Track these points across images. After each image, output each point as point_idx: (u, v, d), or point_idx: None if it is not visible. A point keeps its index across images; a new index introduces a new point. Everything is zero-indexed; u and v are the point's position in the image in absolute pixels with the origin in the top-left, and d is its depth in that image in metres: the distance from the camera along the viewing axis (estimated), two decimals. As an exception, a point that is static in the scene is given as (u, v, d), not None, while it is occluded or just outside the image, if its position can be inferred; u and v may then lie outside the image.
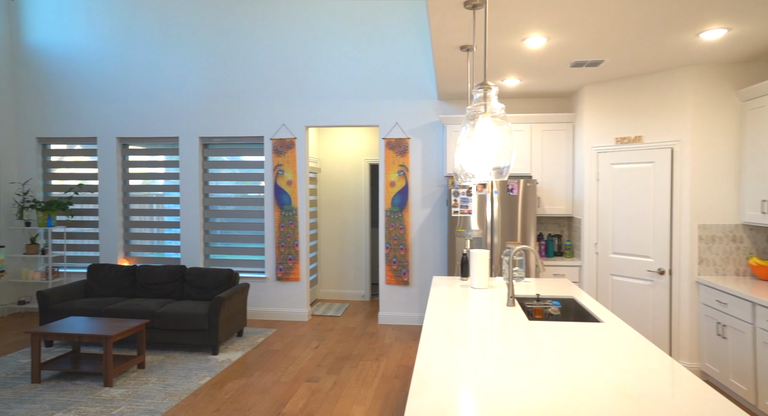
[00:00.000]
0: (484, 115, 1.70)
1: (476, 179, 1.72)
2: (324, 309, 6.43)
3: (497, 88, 1.73)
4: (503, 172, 1.73)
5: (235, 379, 3.98)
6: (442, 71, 4.21)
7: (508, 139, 1.69)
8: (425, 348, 2.08)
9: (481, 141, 1.71)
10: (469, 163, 1.73)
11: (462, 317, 2.62)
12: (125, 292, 5.20)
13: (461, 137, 1.72)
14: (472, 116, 1.72)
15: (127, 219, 6.23)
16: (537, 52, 3.67)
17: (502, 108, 1.71)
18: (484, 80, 1.69)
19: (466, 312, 2.73)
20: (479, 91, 1.68)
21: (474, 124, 1.72)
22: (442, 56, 3.74)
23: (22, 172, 6.32)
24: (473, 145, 1.73)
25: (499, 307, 2.84)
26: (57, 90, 6.23)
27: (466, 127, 1.72)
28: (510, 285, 2.85)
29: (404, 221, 5.67)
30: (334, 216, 7.06)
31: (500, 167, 1.72)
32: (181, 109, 6.00)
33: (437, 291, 3.31)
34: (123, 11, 6.05)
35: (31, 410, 3.44)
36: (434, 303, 2.95)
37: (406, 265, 5.68)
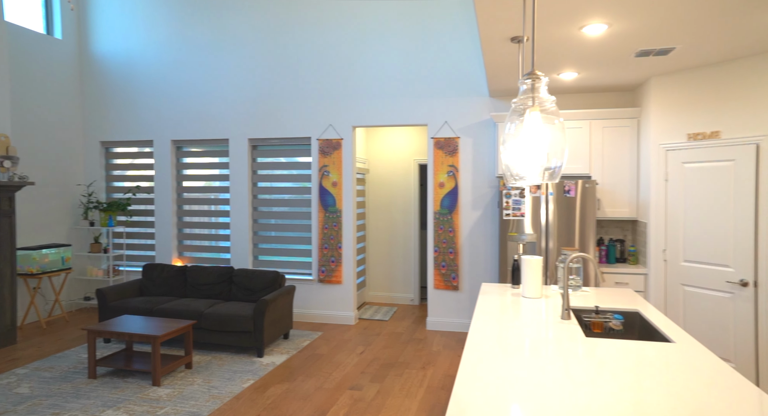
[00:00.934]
0: (532, 109, 1.50)
1: (525, 181, 1.52)
2: (372, 312, 6.32)
3: (547, 79, 1.52)
4: (554, 172, 1.52)
5: (278, 384, 3.93)
6: (492, 66, 3.97)
7: (559, 136, 1.48)
8: (467, 367, 1.89)
9: (529, 138, 1.51)
10: (516, 163, 1.53)
11: (510, 330, 2.40)
12: (176, 292, 5.32)
13: (506, 134, 1.52)
14: (518, 111, 1.52)
15: (181, 220, 6.40)
16: (597, 41, 3.36)
17: (553, 101, 1.50)
18: (532, 69, 1.48)
19: (515, 324, 2.51)
20: (526, 82, 1.48)
21: (521, 120, 1.52)
22: (492, 49, 3.51)
23: (88, 174, 6.65)
24: (521, 144, 1.53)
25: (552, 320, 2.59)
26: (118, 95, 6.50)
27: (512, 123, 1.52)
28: (565, 296, 2.60)
29: (453, 224, 5.45)
30: (382, 218, 6.94)
31: (551, 167, 1.51)
32: (231, 111, 6.09)
33: (485, 300, 3.09)
34: (178, 18, 6.22)
35: (85, 406, 3.54)
36: (481, 314, 2.74)
37: (456, 270, 5.46)
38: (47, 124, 6.14)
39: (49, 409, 3.50)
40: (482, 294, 3.28)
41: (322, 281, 5.82)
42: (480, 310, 2.84)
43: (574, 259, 2.57)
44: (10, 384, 3.98)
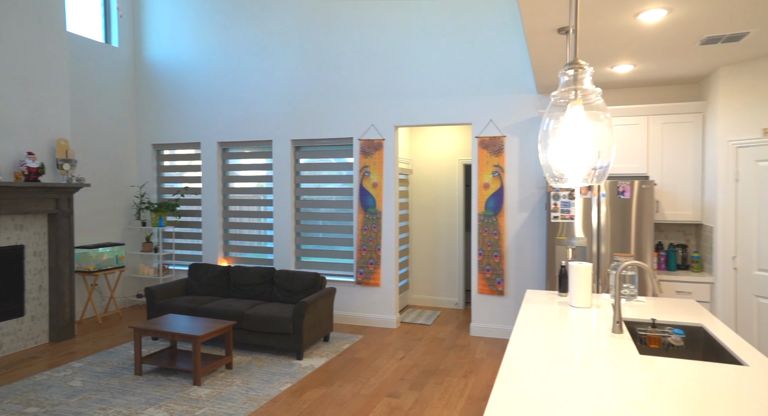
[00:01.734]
0: (574, 102, 1.33)
1: (567, 182, 1.36)
2: (414, 316, 6.18)
3: (592, 69, 1.35)
4: (600, 173, 1.34)
5: (315, 388, 3.88)
6: (538, 60, 3.75)
7: (606, 133, 1.30)
8: (503, 384, 1.74)
9: (571, 136, 1.34)
10: (557, 163, 1.37)
11: (554, 343, 2.21)
12: (220, 292, 5.40)
13: (545, 131, 1.36)
14: (559, 105, 1.36)
15: (227, 221, 6.52)
16: (655, 29, 3.09)
17: (599, 93, 1.33)
18: (575, 58, 1.31)
19: (559, 336, 2.31)
20: (568, 72, 1.32)
21: (562, 115, 1.36)
22: (537, 42, 3.30)
23: (141, 176, 6.90)
24: (562, 142, 1.37)
25: (602, 332, 2.37)
26: (168, 99, 6.70)
27: (552, 118, 1.36)
28: (616, 307, 2.37)
29: (499, 226, 5.23)
30: (426, 220, 6.79)
31: (596, 167, 1.34)
32: (274, 113, 6.13)
33: (529, 309, 2.89)
34: (224, 22, 6.34)
35: (129, 402, 3.62)
36: (523, 324, 2.56)
37: (501, 274, 5.24)
38: (104, 128, 6.42)
39: (96, 404, 3.60)
40: (526, 302, 3.08)
41: (360, 283, 5.75)
42: (522, 320, 2.65)
43: (627, 266, 2.35)
44: (66, 377, 4.14)
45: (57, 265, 5.15)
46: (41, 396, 3.76)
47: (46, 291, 5.15)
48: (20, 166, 4.84)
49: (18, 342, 4.91)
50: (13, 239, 4.85)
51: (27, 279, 4.98)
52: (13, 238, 4.85)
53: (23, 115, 4.92)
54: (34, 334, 5.05)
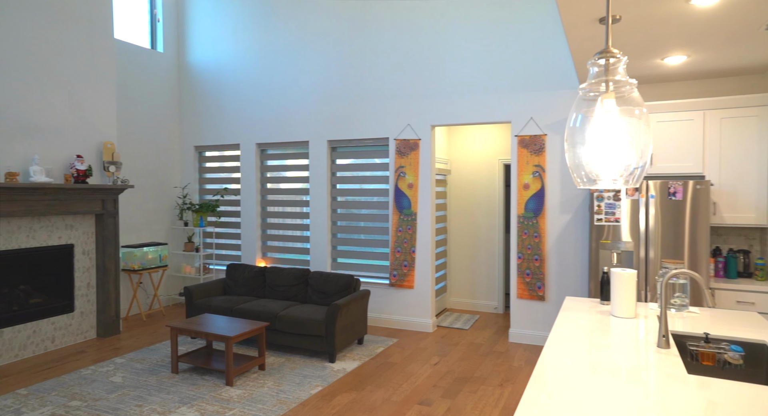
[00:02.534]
0: (605, 95, 1.19)
1: (597, 184, 1.21)
2: (452, 320, 6.03)
3: (626, 58, 1.19)
4: (635, 174, 1.19)
5: (346, 392, 3.82)
6: (579, 53, 3.53)
7: (642, 129, 1.15)
8: (531, 400, 1.60)
9: (601, 133, 1.20)
10: (588, 162, 1.23)
11: (590, 355, 2.03)
12: (256, 292, 5.45)
13: (571, 127, 1.22)
14: (588, 99, 1.22)
15: (265, 221, 6.58)
16: (711, 14, 2.83)
17: (633, 85, 1.18)
18: (607, 46, 1.17)
19: (597, 348, 2.13)
20: (598, 62, 1.17)
21: (591, 110, 1.21)
22: (577, 34, 3.10)
23: (184, 177, 7.09)
24: (591, 139, 1.22)
25: (645, 346, 2.18)
26: (210, 102, 6.85)
27: (579, 113, 1.22)
28: (662, 319, 2.17)
29: (539, 228, 5.00)
30: (465, 221, 6.62)
31: (632, 168, 1.19)
32: (311, 113, 6.14)
33: (566, 318, 2.71)
34: (262, 25, 6.41)
35: (164, 400, 3.68)
36: (558, 334, 2.39)
37: (542, 278, 5.01)
38: (149, 131, 6.63)
39: (133, 401, 3.69)
40: (563, 311, 2.89)
41: (394, 285, 5.65)
42: (558, 329, 2.48)
43: (678, 274, 2.14)
44: (108, 373, 4.28)
45: (103, 264, 5.35)
46: (84, 391, 3.89)
47: (93, 289, 5.36)
48: (70, 169, 5.06)
49: (68, 337, 5.13)
50: (64, 238, 5.08)
51: (76, 276, 5.19)
52: (63, 237, 5.07)
53: (73, 120, 5.14)
54: (83, 329, 5.26)
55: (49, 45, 4.92)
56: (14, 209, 4.53)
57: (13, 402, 3.73)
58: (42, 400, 3.73)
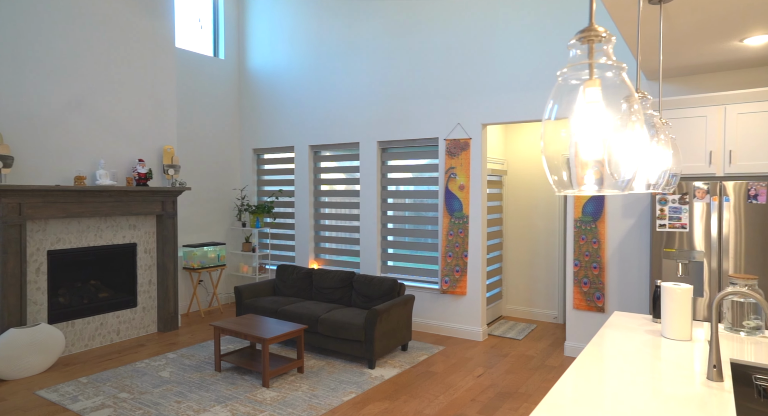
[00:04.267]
0: (588, 83, 0.98)
1: (572, 190, 1.01)
2: (505, 329, 5.72)
3: (615, 38, 0.97)
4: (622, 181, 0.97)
5: (378, 401, 3.70)
6: (631, 39, 3.16)
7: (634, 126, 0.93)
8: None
9: (583, 129, 0.99)
10: (559, 162, 1.03)
11: (617, 386, 1.76)
12: (303, 294, 5.48)
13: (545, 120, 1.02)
14: (568, 87, 1.01)
15: (318, 223, 6.63)
16: (789, -13, 2.39)
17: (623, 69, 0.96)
18: (590, 23, 0.96)
19: (630, 377, 1.85)
20: (578, 43, 0.96)
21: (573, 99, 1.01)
22: (624, 17, 2.76)
23: (243, 179, 7.34)
24: (571, 136, 1.02)
25: (693, 378, 1.86)
26: (267, 105, 7.03)
27: (557, 104, 1.02)
28: (712, 345, 1.84)
29: (598, 233, 4.59)
30: (522, 224, 6.26)
31: (615, 173, 0.97)
32: (361, 114, 6.09)
33: (605, 336, 2.41)
34: (315, 29, 6.46)
35: (202, 398, 3.77)
36: (590, 354, 2.11)
37: (601, 288, 4.59)
38: (211, 135, 6.93)
39: (174, 396, 3.81)
40: (606, 327, 2.58)
41: (446, 292, 5.44)
42: (591, 349, 2.20)
43: (733, 294, 1.80)
44: (158, 367, 4.48)
45: (163, 262, 5.64)
46: (134, 383, 4.09)
47: (154, 286, 5.66)
48: (132, 172, 5.38)
49: (131, 330, 5.45)
50: (127, 237, 5.41)
51: (139, 273, 5.51)
52: (127, 237, 5.40)
53: (136, 125, 5.46)
54: (145, 324, 5.58)
55: (115, 58, 5.26)
56: (82, 210, 4.88)
57: (73, 389, 3.99)
58: (97, 390, 3.97)
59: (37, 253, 4.70)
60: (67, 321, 4.91)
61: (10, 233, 4.41)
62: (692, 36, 3.10)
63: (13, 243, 4.43)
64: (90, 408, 3.63)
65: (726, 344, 2.31)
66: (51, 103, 4.76)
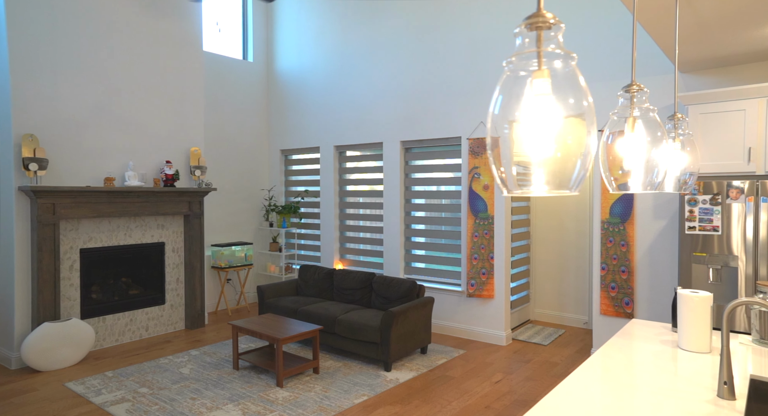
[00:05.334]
0: (536, 74, 0.89)
1: (532, 188, 0.92)
2: (531, 333, 5.53)
3: (563, 25, 0.88)
4: (572, 177, 0.88)
5: (389, 405, 3.64)
6: (654, 29, 2.96)
7: (586, 122, 0.84)
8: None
9: (529, 125, 0.90)
10: (516, 158, 0.94)
11: (616, 404, 1.63)
12: (324, 294, 5.48)
13: (490, 112, 0.94)
14: (518, 77, 0.92)
15: (343, 223, 6.63)
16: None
17: (573, 59, 0.87)
18: (538, 9, 0.87)
19: (631, 392, 1.71)
20: (525, 30, 0.87)
21: (521, 91, 0.92)
22: (644, 5, 2.58)
23: (272, 180, 7.44)
24: (518, 129, 0.93)
25: (703, 395, 1.70)
26: (294, 106, 7.10)
27: (501, 95, 0.93)
28: (723, 360, 1.68)
29: (627, 236, 4.36)
30: (551, 226, 6.04)
31: (573, 173, 0.88)
32: (385, 114, 6.04)
33: (616, 345, 2.26)
34: (340, 30, 6.47)
35: (216, 396, 3.82)
36: (592, 366, 1.98)
37: (630, 294, 4.35)
38: (240, 137, 7.06)
39: (190, 393, 3.88)
40: (618, 336, 2.42)
41: (472, 295, 5.30)
42: (595, 359, 2.06)
43: (747, 304, 1.62)
44: (180, 363, 4.58)
45: (190, 261, 5.78)
46: (155, 379, 4.20)
47: (182, 284, 5.81)
48: (160, 173, 5.54)
49: (160, 327, 5.62)
50: (156, 237, 5.57)
51: (167, 272, 5.67)
52: (156, 236, 5.57)
53: (164, 128, 5.62)
54: (173, 321, 5.73)
55: (144, 63, 5.43)
56: (112, 210, 5.06)
57: (99, 382, 4.14)
58: (120, 384, 4.09)
59: (71, 251, 4.91)
60: (98, 317, 5.11)
61: (45, 232, 4.62)
62: (728, 22, 2.87)
63: (48, 241, 4.64)
64: (110, 401, 3.75)
65: (751, 358, 2.12)
66: (83, 108, 4.97)
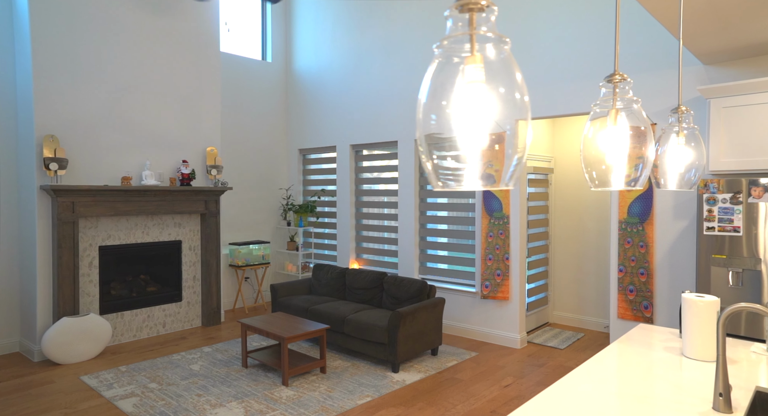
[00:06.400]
0: (469, 60, 0.82)
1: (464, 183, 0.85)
2: (548, 337, 5.36)
3: (496, 8, 0.81)
4: (506, 170, 0.80)
5: (392, 407, 3.58)
6: (664, 17, 2.80)
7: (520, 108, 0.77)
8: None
9: (464, 110, 0.84)
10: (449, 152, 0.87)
11: (599, 410, 1.53)
12: (337, 293, 5.46)
13: (419, 100, 0.87)
14: (444, 65, 0.86)
15: (359, 222, 6.60)
16: None
17: (507, 44, 0.80)
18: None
19: (620, 402, 1.60)
20: (457, 13, 0.80)
21: (451, 78, 0.85)
22: (651, -9, 2.44)
23: (289, 179, 7.48)
24: (450, 120, 0.86)
25: (698, 408, 1.58)
26: (311, 106, 7.12)
27: (429, 82, 0.86)
28: (718, 370, 1.55)
29: (646, 237, 4.16)
30: (570, 226, 5.85)
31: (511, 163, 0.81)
32: (399, 112, 5.98)
33: (615, 351, 2.14)
34: (357, 29, 6.45)
35: (222, 393, 3.85)
36: (584, 373, 1.87)
37: (649, 297, 4.16)
38: (259, 136, 7.13)
39: (197, 390, 3.92)
40: (620, 341, 2.29)
41: (486, 297, 5.18)
42: (588, 366, 1.95)
43: (740, 310, 1.49)
44: (191, 360, 4.64)
45: (207, 259, 5.86)
46: (165, 375, 4.26)
47: (199, 281, 5.90)
48: (176, 172, 5.63)
49: (177, 323, 5.72)
50: (173, 235, 5.67)
51: (184, 269, 5.77)
52: (173, 234, 5.67)
53: (181, 128, 5.72)
54: (190, 318, 5.83)
55: (162, 64, 5.54)
56: (129, 208, 5.18)
57: (112, 376, 4.23)
58: (131, 378, 4.17)
59: (90, 248, 5.04)
60: (117, 313, 5.23)
61: (65, 229, 4.76)
62: (739, 8, 2.69)
63: (67, 238, 4.78)
64: (120, 395, 3.82)
65: (765, 369, 1.97)
66: (102, 109, 5.10)
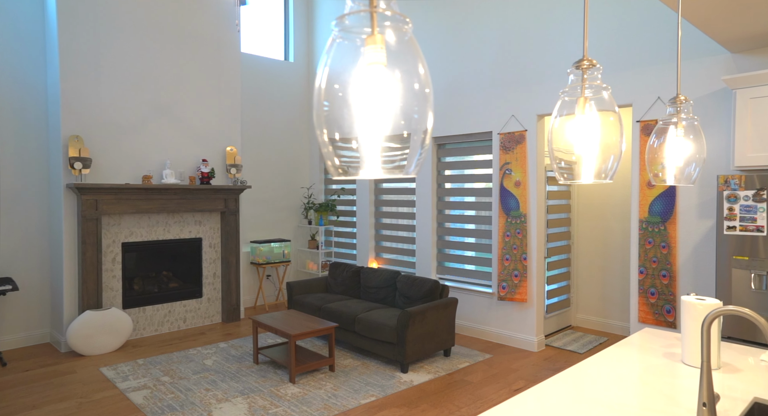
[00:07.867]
0: (369, 40, 0.77)
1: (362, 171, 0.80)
2: (568, 340, 5.18)
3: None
4: (412, 155, 0.75)
5: (395, 408, 3.53)
6: (680, 2, 2.63)
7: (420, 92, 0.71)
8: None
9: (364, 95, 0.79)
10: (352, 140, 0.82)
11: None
12: (351, 292, 5.45)
13: (316, 86, 0.82)
14: (343, 45, 0.81)
15: (378, 221, 6.57)
16: None
17: (407, 24, 0.74)
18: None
19: (598, 411, 1.50)
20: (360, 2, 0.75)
21: (350, 60, 0.80)
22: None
23: (311, 178, 7.53)
24: (350, 106, 0.81)
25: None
26: (331, 107, 7.13)
27: (325, 66, 0.81)
28: (703, 378, 1.43)
29: (668, 236, 3.95)
30: (594, 226, 5.63)
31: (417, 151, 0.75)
32: (415, 111, 5.91)
33: (609, 356, 2.02)
34: (373, 25, 6.42)
35: (230, 388, 3.90)
36: (569, 377, 1.77)
37: (672, 300, 3.94)
38: (281, 135, 7.21)
39: (206, 384, 3.98)
40: (618, 346, 2.17)
41: (503, 298, 5.05)
42: (574, 371, 1.84)
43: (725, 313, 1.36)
44: (206, 355, 4.73)
45: (226, 256, 5.96)
46: (178, 369, 4.35)
47: (219, 278, 6.01)
48: (196, 171, 5.76)
49: (197, 319, 5.84)
50: (193, 232, 5.80)
51: (204, 266, 5.89)
52: (193, 232, 5.80)
53: (201, 128, 5.84)
54: (210, 314, 5.94)
55: (183, 66, 5.68)
56: (150, 206, 5.32)
57: (129, 369, 4.36)
58: (146, 371, 4.29)
59: (113, 245, 5.22)
60: (139, 307, 5.39)
61: (89, 226, 4.94)
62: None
63: (91, 235, 4.96)
64: (132, 387, 3.92)
65: (766, 379, 1.81)
66: (124, 110, 5.26)
